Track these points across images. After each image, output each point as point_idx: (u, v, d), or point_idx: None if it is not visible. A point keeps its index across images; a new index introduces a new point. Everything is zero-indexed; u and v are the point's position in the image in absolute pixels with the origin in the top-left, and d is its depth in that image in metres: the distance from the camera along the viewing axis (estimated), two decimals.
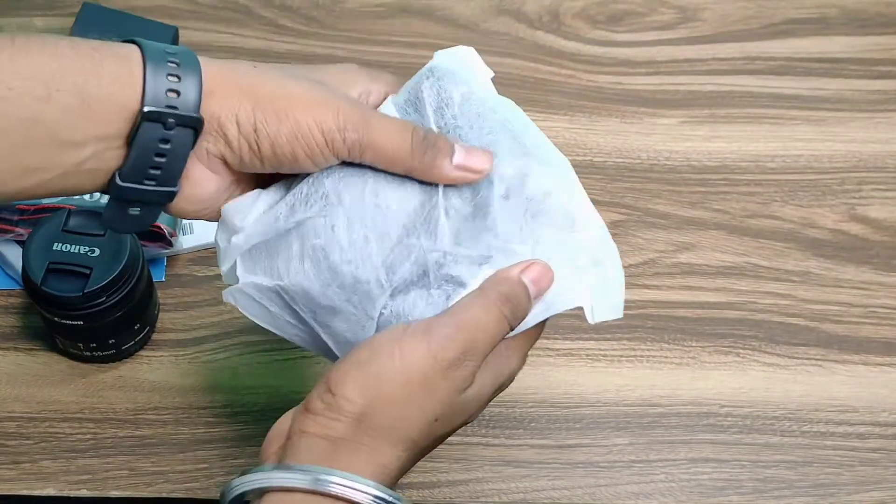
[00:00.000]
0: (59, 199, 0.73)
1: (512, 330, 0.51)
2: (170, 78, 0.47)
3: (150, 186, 0.49)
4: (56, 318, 0.68)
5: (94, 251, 0.68)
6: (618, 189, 0.83)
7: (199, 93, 0.47)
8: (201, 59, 0.48)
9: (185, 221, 0.77)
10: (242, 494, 0.49)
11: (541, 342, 0.75)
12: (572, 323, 0.76)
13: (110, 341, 0.71)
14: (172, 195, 0.50)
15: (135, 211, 0.50)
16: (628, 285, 0.78)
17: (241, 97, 0.48)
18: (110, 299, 0.68)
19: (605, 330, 0.76)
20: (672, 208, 0.82)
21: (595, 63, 0.89)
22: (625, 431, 0.73)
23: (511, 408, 0.73)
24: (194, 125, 0.48)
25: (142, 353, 0.74)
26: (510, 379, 0.54)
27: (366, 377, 0.48)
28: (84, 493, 0.69)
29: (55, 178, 0.48)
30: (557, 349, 0.75)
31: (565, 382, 0.74)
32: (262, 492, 0.48)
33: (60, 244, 0.68)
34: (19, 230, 0.74)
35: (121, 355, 0.73)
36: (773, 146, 0.85)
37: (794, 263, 0.80)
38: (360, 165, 0.51)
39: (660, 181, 0.83)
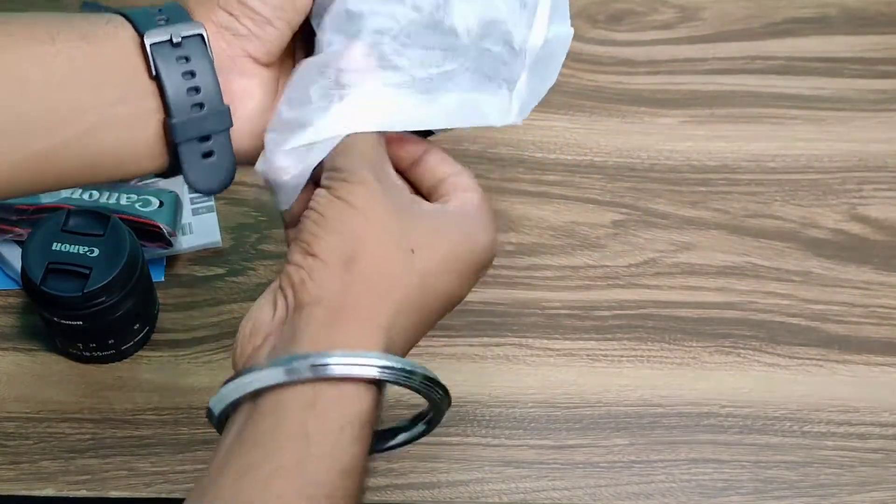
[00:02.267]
0: (60, 199, 0.73)
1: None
2: (150, 11, 0.49)
3: (200, 113, 0.48)
4: (55, 318, 0.68)
5: (93, 251, 0.68)
6: (618, 189, 0.83)
7: (182, 8, 0.49)
8: None
9: (184, 221, 0.77)
10: (221, 414, 0.46)
11: (541, 342, 0.76)
12: (572, 323, 0.76)
13: (110, 341, 0.71)
14: (227, 116, 0.49)
15: (209, 157, 0.49)
16: (629, 285, 0.78)
17: None
18: (110, 299, 0.68)
19: (605, 330, 0.76)
20: (672, 208, 0.82)
21: (595, 63, 0.89)
22: (625, 432, 0.73)
23: (511, 408, 0.73)
24: (197, 31, 0.48)
25: (141, 353, 0.74)
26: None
27: (335, 226, 0.47)
28: (83, 493, 0.69)
29: (99, 124, 0.47)
30: (557, 349, 0.75)
31: (565, 382, 0.74)
32: (256, 394, 0.45)
33: (60, 244, 0.68)
34: (19, 230, 0.74)
35: (120, 355, 0.73)
36: (773, 146, 0.85)
37: (795, 263, 0.80)
38: None
39: (660, 181, 0.83)
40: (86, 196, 0.74)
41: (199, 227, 0.77)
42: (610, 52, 0.89)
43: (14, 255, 0.74)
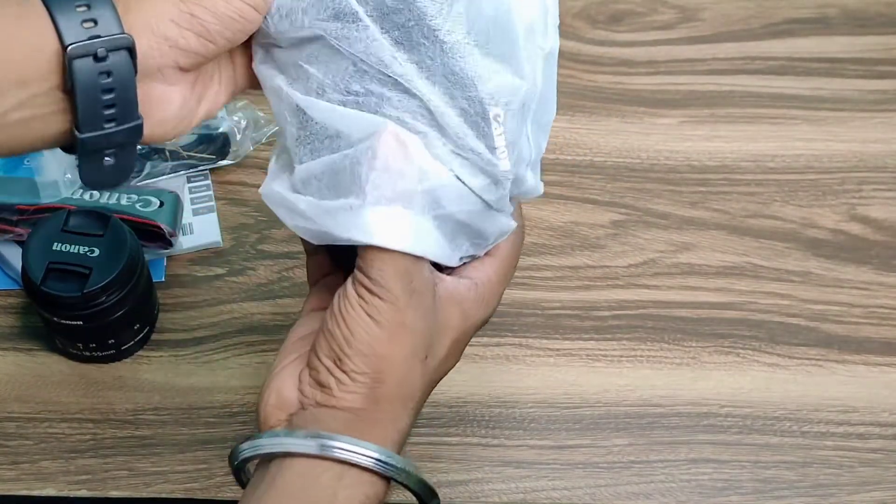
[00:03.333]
0: (60, 199, 0.73)
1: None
2: (78, 9, 0.45)
3: (112, 129, 0.46)
4: (55, 319, 0.68)
5: (93, 251, 0.68)
6: (618, 189, 0.83)
7: (114, 12, 0.45)
8: None
9: (185, 222, 0.77)
10: (247, 459, 0.51)
11: (541, 342, 0.76)
12: (572, 323, 0.76)
13: (110, 341, 0.71)
14: (139, 129, 0.47)
15: (109, 161, 0.48)
16: (628, 285, 0.79)
17: None
18: (110, 299, 0.68)
19: (605, 330, 0.76)
20: (672, 208, 0.82)
21: (595, 63, 0.89)
22: (625, 432, 0.73)
23: (511, 408, 0.73)
24: (126, 45, 0.45)
25: (141, 353, 0.74)
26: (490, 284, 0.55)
27: (363, 348, 0.50)
28: (84, 493, 0.69)
29: None
30: (557, 349, 0.75)
31: (565, 382, 0.74)
32: (270, 457, 0.50)
33: (60, 244, 0.68)
34: (19, 230, 0.74)
35: (120, 355, 0.73)
36: (773, 146, 0.85)
37: (795, 263, 0.80)
38: None
39: (660, 181, 0.83)
40: (86, 196, 0.74)
41: (200, 228, 0.77)
42: (610, 52, 0.89)
43: (14, 255, 0.74)
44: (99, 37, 0.45)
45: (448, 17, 0.48)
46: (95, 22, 0.45)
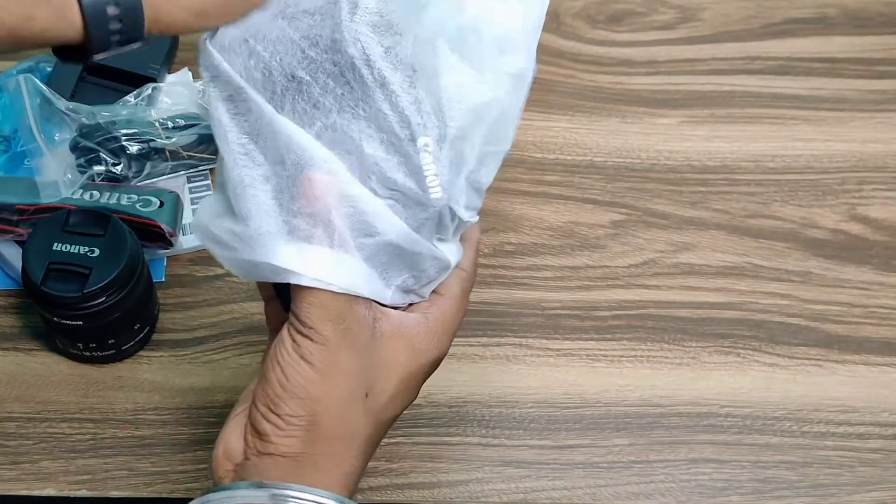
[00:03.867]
0: (60, 199, 0.73)
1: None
2: None
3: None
4: (56, 318, 0.68)
5: (93, 251, 0.68)
6: (618, 189, 0.83)
7: None
8: None
9: (185, 222, 0.77)
10: None
11: (541, 342, 0.76)
12: (572, 323, 0.76)
13: (110, 341, 0.71)
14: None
15: (115, 24, 0.45)
16: (628, 285, 0.79)
17: None
18: (110, 299, 0.68)
19: (605, 330, 0.76)
20: (672, 208, 0.82)
21: (595, 63, 0.89)
22: (625, 432, 0.73)
23: (511, 408, 0.73)
24: None
25: (142, 353, 0.74)
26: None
27: (297, 391, 0.50)
28: (84, 493, 0.69)
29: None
30: (557, 349, 0.75)
31: (565, 382, 0.74)
32: None
33: (60, 244, 0.68)
34: (19, 230, 0.74)
35: (121, 355, 0.73)
36: (773, 146, 0.85)
37: (794, 263, 0.80)
38: None
39: (660, 181, 0.83)
40: (86, 196, 0.74)
41: None
42: (610, 52, 0.89)
43: (14, 255, 0.74)
44: None
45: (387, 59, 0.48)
46: None
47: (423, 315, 0.54)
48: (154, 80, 0.80)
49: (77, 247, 0.68)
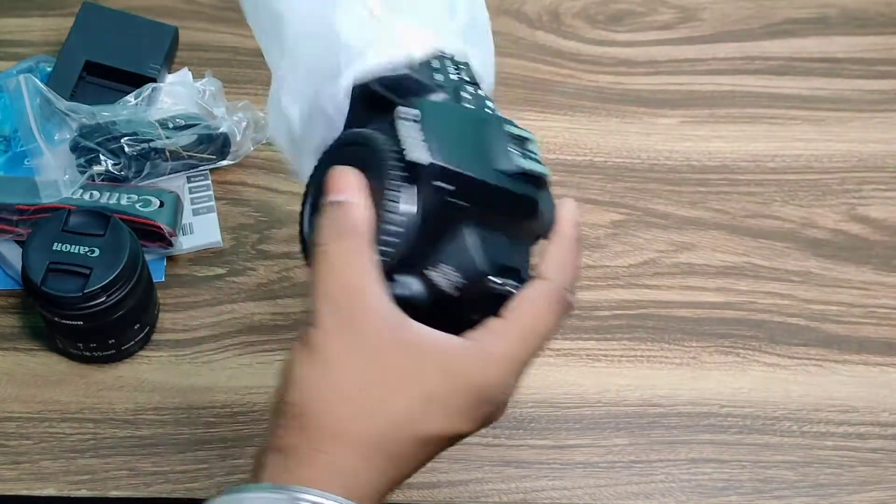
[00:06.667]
0: (60, 199, 0.73)
1: None
2: None
3: None
4: (56, 318, 0.68)
5: (94, 251, 0.68)
6: (618, 189, 0.83)
7: None
8: None
9: (185, 222, 0.77)
10: None
11: None
12: (572, 323, 0.76)
13: (110, 341, 0.71)
14: None
15: None
16: (628, 285, 0.78)
17: None
18: (110, 299, 0.68)
19: (605, 330, 0.76)
20: (672, 208, 0.82)
21: (595, 63, 0.89)
22: (625, 432, 0.73)
23: (511, 408, 0.73)
24: None
25: (142, 353, 0.74)
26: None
27: (294, 377, 0.47)
28: (84, 493, 0.69)
29: None
30: (557, 349, 0.75)
31: (565, 382, 0.74)
32: None
33: (60, 244, 0.68)
34: (19, 230, 0.74)
35: (121, 355, 0.73)
36: (773, 146, 0.85)
37: (794, 263, 0.80)
38: None
39: (660, 181, 0.83)
40: (86, 196, 0.74)
41: (200, 228, 0.77)
42: (610, 52, 0.89)
43: (15, 255, 0.74)
44: None
45: None
46: None
47: (467, 339, 0.49)
48: (154, 80, 0.80)
49: (77, 247, 0.68)
